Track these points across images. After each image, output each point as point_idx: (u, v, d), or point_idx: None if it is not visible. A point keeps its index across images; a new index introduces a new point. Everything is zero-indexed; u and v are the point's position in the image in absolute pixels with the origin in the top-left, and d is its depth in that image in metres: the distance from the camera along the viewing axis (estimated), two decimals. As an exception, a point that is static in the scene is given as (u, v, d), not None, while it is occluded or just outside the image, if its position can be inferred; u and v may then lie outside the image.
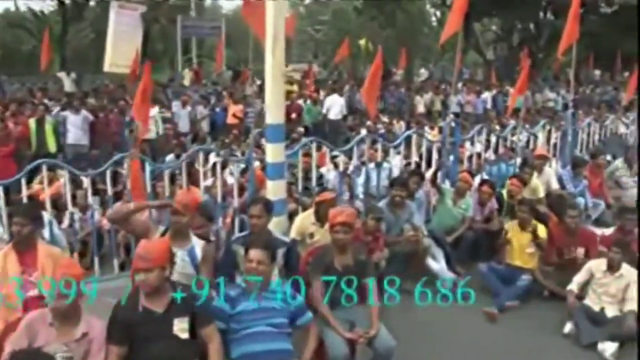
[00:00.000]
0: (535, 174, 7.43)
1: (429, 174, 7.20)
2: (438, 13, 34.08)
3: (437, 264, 6.13)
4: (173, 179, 6.99)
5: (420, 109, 20.33)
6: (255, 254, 3.70)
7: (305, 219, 5.51)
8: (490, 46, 32.36)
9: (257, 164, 6.51)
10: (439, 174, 7.31)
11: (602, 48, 27.43)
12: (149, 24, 21.21)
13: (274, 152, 5.52)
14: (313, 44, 46.03)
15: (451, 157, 7.41)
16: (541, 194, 7.23)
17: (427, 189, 6.86)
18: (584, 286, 5.58)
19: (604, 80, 27.83)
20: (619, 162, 8.55)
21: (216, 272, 4.37)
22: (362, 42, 22.68)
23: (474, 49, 29.69)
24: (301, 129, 14.89)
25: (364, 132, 15.21)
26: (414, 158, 7.62)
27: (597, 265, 5.52)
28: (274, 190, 5.56)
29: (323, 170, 9.34)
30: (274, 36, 5.26)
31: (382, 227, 5.81)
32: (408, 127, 16.13)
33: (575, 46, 8.81)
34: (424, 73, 28.54)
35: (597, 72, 29.63)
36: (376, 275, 4.44)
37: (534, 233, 5.98)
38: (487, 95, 20.38)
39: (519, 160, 8.20)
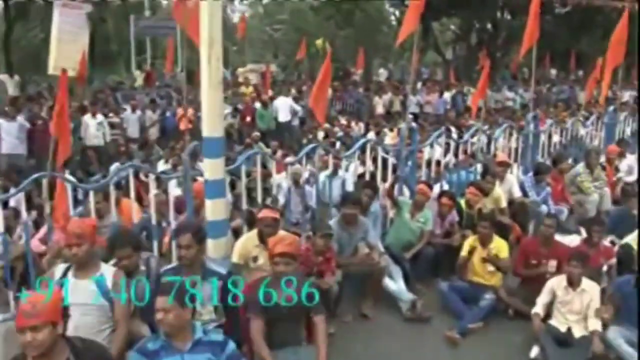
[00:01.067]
0: (497, 182, 7.07)
1: (385, 186, 6.74)
2: (397, 12, 33.89)
3: (395, 284, 5.68)
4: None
5: (380, 109, 20.03)
6: (161, 302, 3.12)
7: (248, 241, 4.97)
8: (449, 46, 32.32)
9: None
10: (396, 185, 6.85)
11: (557, 48, 27.79)
12: (96, 24, 20.27)
13: (212, 168, 4.98)
14: (272, 44, 45.37)
15: (409, 164, 6.96)
16: (504, 203, 6.86)
17: (382, 201, 6.41)
18: (550, 305, 5.23)
19: (560, 79, 28.14)
20: (580, 167, 8.27)
21: (143, 313, 3.82)
22: (318, 42, 22.22)
23: (433, 48, 29.56)
24: (257, 134, 14.36)
25: (321, 134, 14.86)
26: (370, 167, 7.16)
27: (558, 282, 5.18)
28: (214, 210, 5.03)
29: (277, 178, 8.80)
30: (209, 41, 4.72)
31: (334, 247, 5.32)
32: (367, 129, 15.78)
33: (535, 46, 8.62)
34: (383, 73, 28.24)
35: (553, 71, 29.93)
36: (324, 312, 3.93)
37: (492, 258, 5.58)
38: (446, 95, 20.20)
39: (479, 167, 7.83)
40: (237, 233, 5.93)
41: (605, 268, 5.96)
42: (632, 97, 20.60)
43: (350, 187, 7.93)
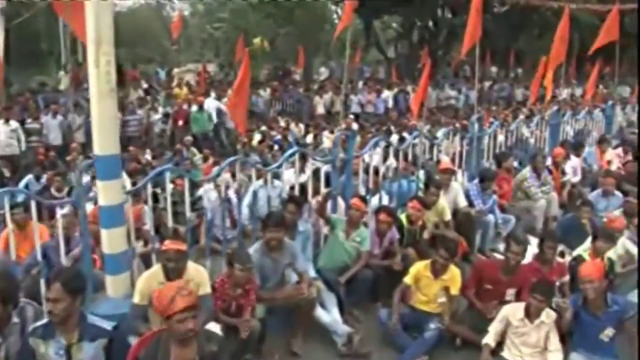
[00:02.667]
0: (441, 192, 6.50)
1: (316, 200, 6.02)
2: (339, 10, 33.36)
3: (329, 315, 4.99)
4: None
5: (320, 110, 19.44)
6: None
7: (151, 278, 4.14)
8: (391, 44, 32.01)
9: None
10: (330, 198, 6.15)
11: (497, 46, 28.02)
12: (12, 20, 18.74)
13: (107, 192, 4.18)
14: (213, 43, 43.99)
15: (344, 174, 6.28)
16: (448, 215, 6.28)
17: (314, 219, 5.71)
18: (503, 334, 4.67)
19: (500, 77, 28.30)
20: (526, 172, 7.82)
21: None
22: (256, 40, 21.35)
23: (374, 46, 29.15)
24: (188, 138, 13.44)
25: (258, 137, 14.07)
26: (301, 178, 6.44)
27: (513, 311, 4.63)
28: (111, 241, 4.23)
29: (205, 188, 8.01)
30: (95, 39, 3.91)
31: (256, 277, 4.59)
32: (307, 131, 15.10)
33: (478, 45, 8.21)
34: (324, 71, 27.54)
35: (494, 69, 30.13)
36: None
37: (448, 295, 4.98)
38: (387, 94, 19.76)
39: (422, 174, 7.26)
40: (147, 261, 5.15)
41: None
42: (569, 94, 20.81)
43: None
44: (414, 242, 5.79)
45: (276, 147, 12.83)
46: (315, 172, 6.26)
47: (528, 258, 5.39)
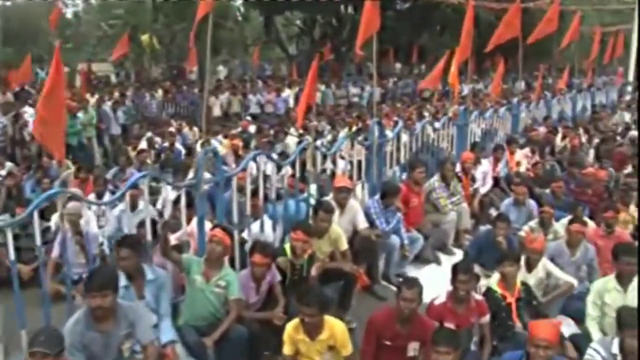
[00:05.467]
0: (337, 213, 5.38)
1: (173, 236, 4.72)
2: (242, 8, 31.88)
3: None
4: None
5: (217, 111, 18.06)
6: None
7: None
8: (293, 40, 30.96)
9: None
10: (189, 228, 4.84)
11: (400, 42, 27.85)
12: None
13: None
14: (109, 41, 40.98)
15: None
16: (344, 244, 5.13)
17: (158, 260, 4.39)
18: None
19: (404, 73, 28.08)
20: (435, 181, 6.89)
21: None
22: (144, 37, 19.44)
23: (275, 43, 27.99)
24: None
25: (143, 144, 12.45)
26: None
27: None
28: None
29: (53, 217, 6.54)
30: None
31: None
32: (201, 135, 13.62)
33: (376, 41, 7.22)
34: (222, 70, 26.02)
35: (398, 65, 29.89)
36: None
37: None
38: (288, 93, 18.66)
39: (314, 189, 6.12)
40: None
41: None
42: (471, 90, 20.55)
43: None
44: (300, 282, 4.62)
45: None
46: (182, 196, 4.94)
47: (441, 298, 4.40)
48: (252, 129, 14.12)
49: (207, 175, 5.25)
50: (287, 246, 4.71)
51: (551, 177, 8.14)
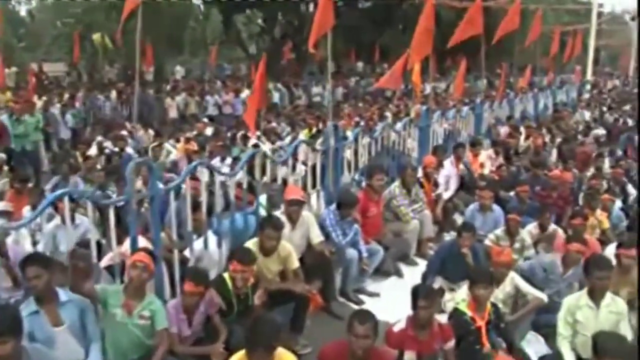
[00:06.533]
0: (287, 227, 4.91)
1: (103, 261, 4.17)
2: (202, 7, 31.13)
3: None
4: None
5: (173, 113, 17.41)
6: None
7: None
8: (253, 40, 30.37)
9: None
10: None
11: (362, 41, 27.61)
12: None
13: None
14: (65, 40, 39.53)
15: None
16: (294, 262, 4.64)
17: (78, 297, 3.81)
18: None
19: (367, 72, 27.82)
20: (395, 187, 6.48)
21: None
22: (96, 36, 18.53)
23: (235, 42, 27.36)
24: (1, 156, 10.77)
25: (93, 150, 11.73)
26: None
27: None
28: None
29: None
30: None
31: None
32: (158, 136, 12.95)
33: (331, 38, 6.80)
34: (180, 70, 25.23)
35: (360, 65, 29.61)
36: None
37: None
38: (247, 93, 18.09)
39: (264, 200, 5.63)
40: None
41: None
42: (433, 88, 20.33)
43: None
44: (246, 312, 4.12)
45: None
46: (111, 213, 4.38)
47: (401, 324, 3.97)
48: (209, 131, 13.56)
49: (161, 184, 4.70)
50: (227, 275, 4.20)
51: (516, 181, 7.84)
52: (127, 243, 4.39)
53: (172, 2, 25.23)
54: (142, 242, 4.46)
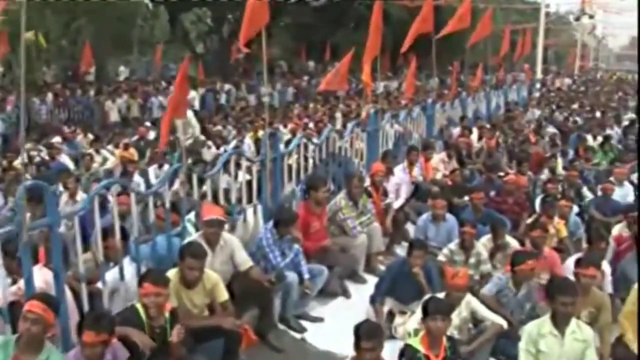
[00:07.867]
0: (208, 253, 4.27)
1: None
2: (151, 5, 29.93)
3: None
4: None
5: (114, 116, 16.54)
6: None
7: None
8: (201, 39, 29.40)
9: None
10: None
11: (313, 40, 27.17)
12: None
13: None
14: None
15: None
16: (223, 295, 4.01)
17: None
18: None
19: (318, 71, 27.36)
20: (340, 199, 5.96)
21: None
22: (28, 35, 17.24)
23: (181, 41, 26.36)
24: None
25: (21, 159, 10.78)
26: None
27: None
28: None
29: None
30: None
31: None
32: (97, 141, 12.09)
33: (265, 36, 6.19)
34: (124, 71, 24.14)
35: (311, 64, 29.11)
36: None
37: None
38: (194, 94, 17.35)
39: (191, 220, 5.01)
40: None
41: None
42: (385, 87, 20.01)
43: None
44: (164, 350, 3.51)
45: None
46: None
47: None
48: (152, 135, 12.79)
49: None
50: (139, 305, 3.57)
51: (470, 187, 7.43)
52: (21, 281, 3.72)
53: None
54: (42, 275, 3.81)
